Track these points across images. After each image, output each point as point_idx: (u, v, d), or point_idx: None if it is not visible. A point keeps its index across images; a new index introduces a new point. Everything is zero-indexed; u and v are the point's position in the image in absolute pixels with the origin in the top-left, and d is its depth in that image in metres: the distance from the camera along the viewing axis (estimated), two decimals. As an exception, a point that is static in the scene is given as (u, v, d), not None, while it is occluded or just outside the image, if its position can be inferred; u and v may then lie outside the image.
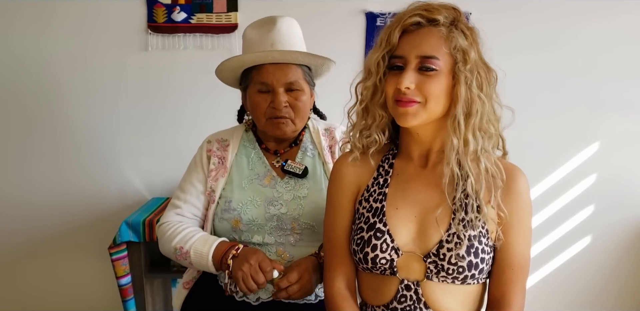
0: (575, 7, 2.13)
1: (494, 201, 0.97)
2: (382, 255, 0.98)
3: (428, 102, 0.93)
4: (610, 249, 2.32)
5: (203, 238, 1.22)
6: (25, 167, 2.25)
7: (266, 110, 1.25)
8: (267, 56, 1.23)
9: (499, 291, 0.99)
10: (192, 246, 1.20)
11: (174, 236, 1.23)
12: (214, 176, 1.31)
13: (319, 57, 1.28)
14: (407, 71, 0.92)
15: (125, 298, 1.93)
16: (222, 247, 1.19)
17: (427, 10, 0.93)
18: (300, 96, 1.26)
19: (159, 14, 2.13)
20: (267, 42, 1.25)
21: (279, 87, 1.24)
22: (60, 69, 2.17)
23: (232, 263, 1.15)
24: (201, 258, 1.19)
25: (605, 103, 2.20)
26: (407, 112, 0.93)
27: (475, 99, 0.93)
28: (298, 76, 1.26)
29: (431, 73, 0.92)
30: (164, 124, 2.22)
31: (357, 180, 1.07)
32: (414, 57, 0.92)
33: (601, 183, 2.26)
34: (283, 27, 1.28)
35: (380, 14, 2.11)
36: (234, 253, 1.16)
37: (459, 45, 0.92)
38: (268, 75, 1.24)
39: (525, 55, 2.15)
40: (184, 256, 1.21)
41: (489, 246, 0.97)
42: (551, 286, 2.36)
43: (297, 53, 1.25)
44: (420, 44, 0.92)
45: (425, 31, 0.93)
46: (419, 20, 0.93)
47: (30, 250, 2.31)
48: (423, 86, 0.92)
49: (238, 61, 1.26)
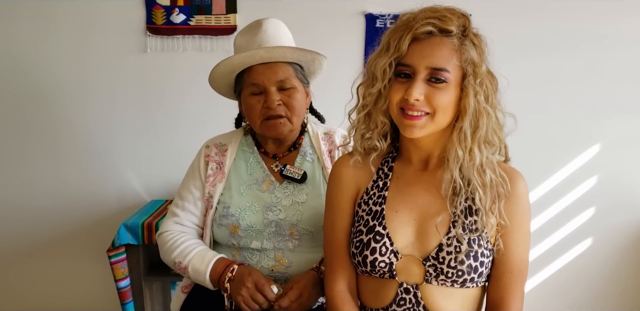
0: (576, 8, 2.12)
1: (496, 210, 0.96)
2: (381, 258, 0.97)
3: (436, 114, 0.92)
4: (611, 251, 2.31)
5: (200, 254, 1.23)
6: (23, 169, 2.24)
7: (260, 111, 1.24)
8: (254, 56, 1.22)
9: (498, 294, 0.99)
10: (190, 263, 1.21)
11: (173, 249, 1.24)
12: (212, 181, 1.30)
13: (308, 52, 1.26)
14: (416, 82, 0.91)
15: (124, 301, 1.92)
16: (218, 267, 1.20)
17: (439, 19, 0.91)
18: (293, 93, 1.25)
19: (157, 16, 2.12)
20: (255, 45, 1.25)
21: (270, 86, 1.23)
22: (58, 71, 2.16)
23: (229, 287, 1.17)
24: (199, 275, 1.21)
25: (607, 105, 2.20)
26: (415, 125, 0.93)
27: (482, 111, 0.93)
28: (288, 74, 1.25)
29: (441, 85, 0.91)
30: (163, 126, 2.21)
31: (356, 182, 1.07)
32: (423, 68, 0.91)
33: (602, 185, 2.25)
34: (269, 28, 1.27)
35: (380, 15, 2.11)
36: (229, 276, 1.17)
37: (470, 58, 0.91)
38: (258, 75, 1.23)
39: (526, 57, 2.14)
40: (183, 271, 1.24)
41: (488, 250, 0.97)
42: (552, 288, 2.35)
43: (284, 49, 1.23)
44: (431, 55, 0.91)
45: (437, 41, 0.91)
46: (431, 29, 0.91)
47: (28, 253, 2.30)
48: (432, 97, 0.91)
49: (227, 65, 1.25)
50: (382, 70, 0.94)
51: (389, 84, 0.95)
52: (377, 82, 0.95)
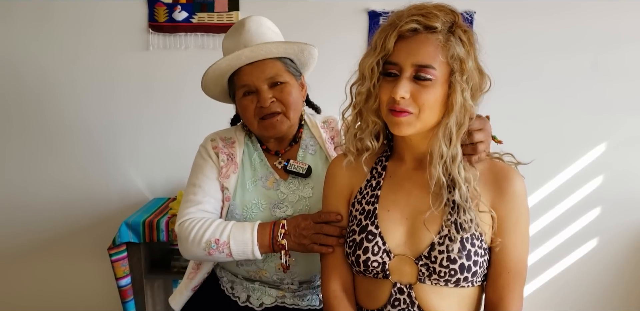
0: (582, 6, 2.11)
1: (486, 204, 0.95)
2: (374, 258, 0.96)
3: (422, 112, 0.91)
4: (617, 251, 2.30)
5: (237, 225, 1.16)
6: (26, 167, 2.25)
7: (255, 111, 1.22)
8: (239, 57, 1.19)
9: (496, 295, 0.97)
10: (231, 236, 1.13)
11: (204, 230, 1.15)
12: (225, 172, 1.25)
13: (294, 44, 1.23)
14: (401, 80, 0.90)
15: (124, 300, 1.92)
16: (264, 230, 1.14)
17: (424, 15, 0.89)
18: (285, 88, 1.22)
19: (160, 13, 2.12)
20: (240, 46, 1.21)
21: (260, 84, 1.20)
22: (60, 68, 2.17)
23: (286, 242, 1.12)
24: (245, 245, 1.13)
25: (612, 104, 2.19)
26: (401, 122, 0.92)
27: (469, 108, 0.92)
28: (277, 69, 1.22)
29: (426, 83, 0.90)
30: (165, 124, 2.21)
31: (350, 182, 1.06)
32: (409, 66, 0.90)
33: (608, 184, 2.24)
34: (252, 26, 1.24)
35: (383, 12, 2.10)
36: (282, 232, 1.12)
37: (456, 54, 0.90)
38: (246, 76, 1.21)
39: (531, 55, 2.13)
40: (221, 248, 1.13)
41: (483, 249, 0.95)
42: (558, 288, 2.34)
43: (268, 45, 1.20)
44: (416, 52, 0.89)
45: (422, 38, 0.90)
46: (415, 26, 0.89)
47: (29, 251, 2.31)
48: (418, 95, 0.90)
49: (215, 70, 1.22)
50: (370, 69, 0.93)
51: (378, 83, 0.94)
52: (366, 81, 0.95)
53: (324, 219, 1.09)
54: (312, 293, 1.28)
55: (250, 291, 1.27)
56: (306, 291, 1.27)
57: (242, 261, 1.24)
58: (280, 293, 1.26)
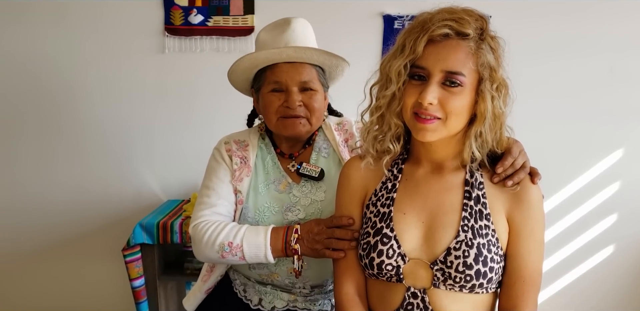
0: (599, 10, 2.09)
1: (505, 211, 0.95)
2: (388, 261, 0.96)
3: (449, 118, 0.90)
4: (633, 258, 2.27)
5: (251, 229, 1.16)
6: (42, 169, 2.27)
7: (278, 109, 1.22)
8: (281, 53, 1.20)
9: (510, 303, 0.96)
10: (244, 239, 1.13)
11: (218, 233, 1.15)
12: (238, 176, 1.26)
13: (334, 57, 1.24)
14: (430, 85, 0.89)
15: (138, 301, 1.93)
16: (278, 234, 1.14)
17: (456, 21, 0.89)
18: (314, 95, 1.23)
19: (176, 17, 2.13)
20: (282, 43, 1.22)
21: (293, 86, 1.21)
22: (77, 71, 2.19)
23: (299, 247, 1.12)
24: (258, 249, 1.13)
25: (630, 109, 2.16)
26: (427, 128, 0.91)
27: (499, 114, 0.92)
28: (312, 76, 1.23)
29: (455, 89, 0.89)
30: (180, 126, 2.22)
31: (365, 184, 1.06)
32: (438, 71, 0.89)
33: (625, 191, 2.21)
34: (298, 28, 1.25)
35: (398, 16, 2.09)
36: (295, 237, 1.12)
37: (487, 62, 0.89)
38: (282, 74, 1.21)
39: (548, 59, 2.11)
40: (234, 251, 1.13)
41: (499, 256, 0.94)
42: (573, 295, 2.31)
43: (312, 51, 1.21)
44: (446, 58, 0.88)
45: (453, 44, 0.89)
46: (447, 32, 0.88)
47: (45, 251, 2.33)
48: (446, 101, 0.89)
49: (251, 59, 1.22)
50: (396, 72, 0.92)
51: (403, 86, 0.93)
52: (392, 84, 0.93)
53: (336, 224, 1.08)
54: (324, 297, 1.27)
55: (263, 295, 1.27)
56: (318, 295, 1.26)
57: (254, 265, 1.24)
58: (292, 297, 1.26)
